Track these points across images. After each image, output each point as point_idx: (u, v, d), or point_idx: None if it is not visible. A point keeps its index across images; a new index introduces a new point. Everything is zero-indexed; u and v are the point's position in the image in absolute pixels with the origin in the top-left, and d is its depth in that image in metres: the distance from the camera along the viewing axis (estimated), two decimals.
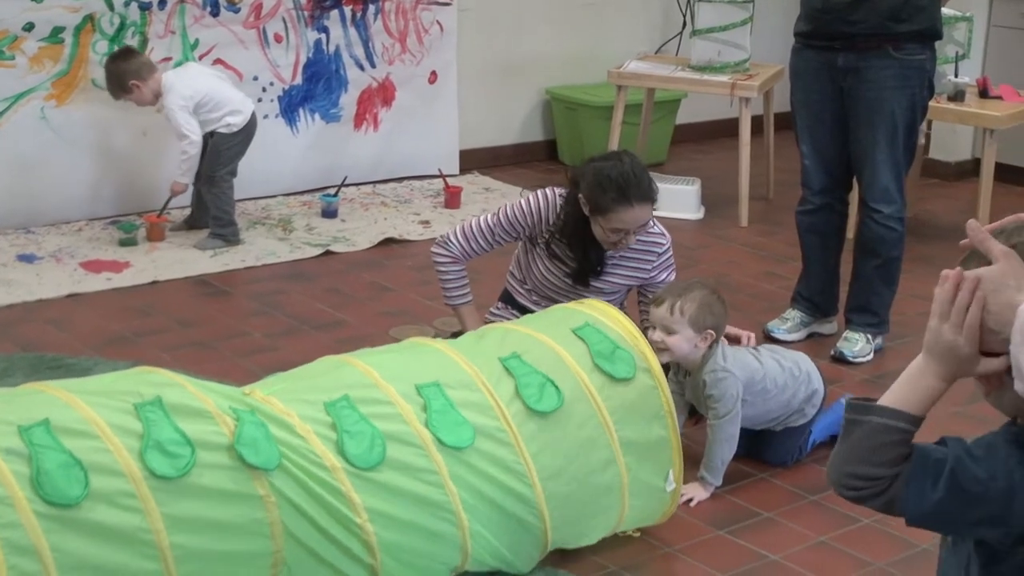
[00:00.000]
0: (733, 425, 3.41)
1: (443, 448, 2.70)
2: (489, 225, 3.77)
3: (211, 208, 5.43)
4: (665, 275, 3.79)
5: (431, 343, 3.05)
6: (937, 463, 1.60)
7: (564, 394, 2.89)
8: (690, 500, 3.38)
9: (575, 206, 3.63)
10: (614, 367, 2.98)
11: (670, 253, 3.79)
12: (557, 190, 3.73)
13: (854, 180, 4.42)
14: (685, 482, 3.31)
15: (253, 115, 5.44)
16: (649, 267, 3.76)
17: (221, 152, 5.37)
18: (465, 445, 2.73)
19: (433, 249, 3.85)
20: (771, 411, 3.53)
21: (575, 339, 3.02)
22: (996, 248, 1.59)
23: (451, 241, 3.80)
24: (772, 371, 3.51)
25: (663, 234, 3.78)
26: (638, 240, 3.67)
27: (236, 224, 5.45)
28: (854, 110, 4.25)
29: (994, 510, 1.59)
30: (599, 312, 3.14)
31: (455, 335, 3.62)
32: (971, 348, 1.60)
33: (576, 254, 3.70)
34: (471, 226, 3.79)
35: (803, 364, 3.61)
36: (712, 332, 3.41)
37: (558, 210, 3.68)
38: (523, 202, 3.73)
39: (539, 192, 3.74)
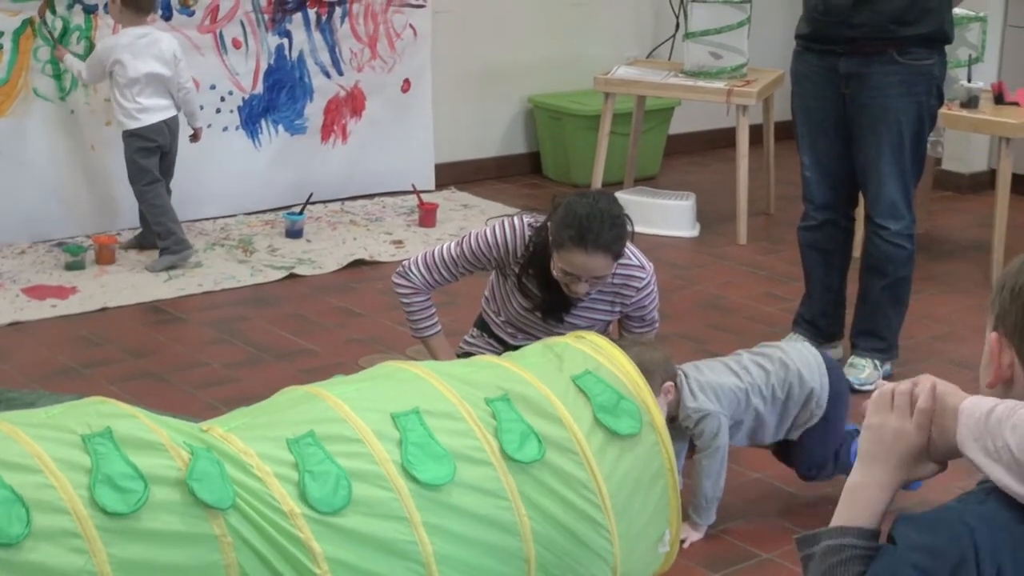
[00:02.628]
0: (714, 460, 3.43)
1: (419, 489, 2.70)
2: (452, 256, 3.75)
3: (150, 223, 5.48)
4: (646, 312, 3.74)
5: (410, 367, 3.03)
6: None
7: (547, 452, 2.87)
8: (683, 540, 3.41)
9: (546, 234, 3.61)
10: (618, 422, 2.96)
11: (651, 288, 3.73)
12: (526, 219, 3.70)
13: (860, 194, 4.48)
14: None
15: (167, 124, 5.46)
16: (628, 302, 3.72)
17: (127, 157, 5.43)
18: (443, 482, 2.73)
19: (394, 279, 3.85)
20: (769, 423, 3.54)
21: (575, 391, 2.99)
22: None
23: (411, 271, 3.79)
24: (758, 380, 3.51)
25: (642, 267, 3.71)
26: (615, 274, 3.63)
27: (178, 233, 5.44)
28: (857, 118, 4.30)
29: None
30: (599, 352, 3.11)
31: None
32: (920, 437, 1.68)
33: (541, 290, 3.68)
34: (433, 256, 3.78)
35: (792, 362, 3.54)
36: (670, 384, 3.42)
37: (526, 240, 3.67)
38: (488, 232, 3.71)
39: (506, 221, 3.71)
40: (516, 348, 3.62)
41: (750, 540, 3.50)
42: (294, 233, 5.92)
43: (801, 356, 3.58)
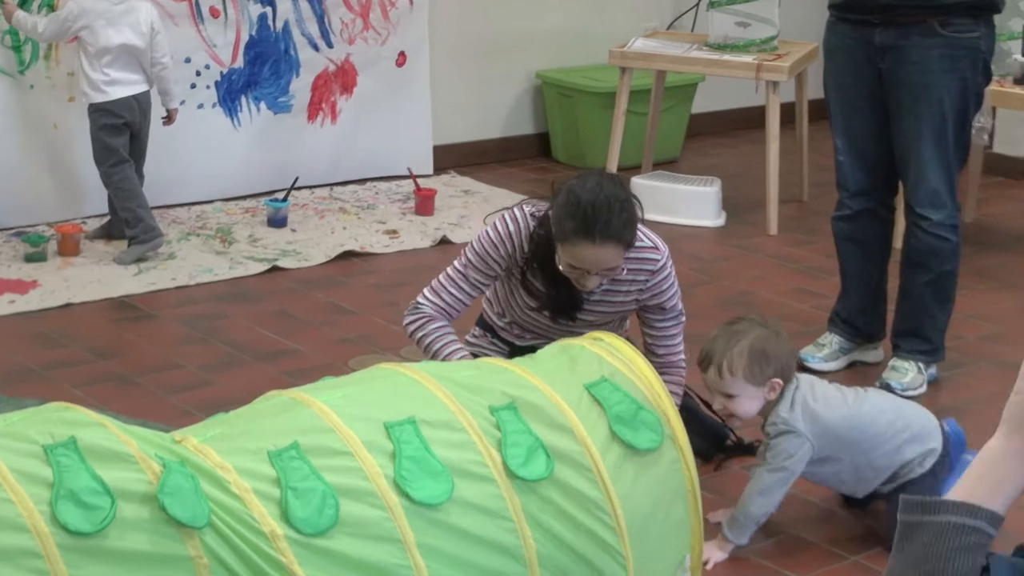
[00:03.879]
0: (776, 478, 3.43)
1: (413, 507, 2.70)
2: (458, 270, 3.72)
3: (118, 211, 5.49)
4: (664, 299, 3.71)
5: (406, 370, 3.01)
6: None
7: (555, 469, 2.85)
8: (706, 562, 3.41)
9: (549, 225, 3.59)
10: (636, 435, 2.95)
11: (668, 271, 3.68)
12: (527, 208, 3.68)
13: (899, 181, 4.48)
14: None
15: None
16: (642, 288, 3.69)
17: (93, 134, 5.45)
18: (439, 501, 2.72)
19: (404, 319, 3.79)
20: (861, 467, 3.50)
21: (590, 400, 2.98)
22: None
23: (420, 303, 3.74)
24: (869, 414, 3.49)
25: (656, 248, 3.67)
26: (627, 259, 3.58)
27: (148, 220, 5.45)
28: (895, 97, 4.29)
29: None
30: (615, 356, 3.10)
31: None
32: None
33: (547, 286, 3.67)
34: (439, 279, 3.74)
35: (910, 415, 3.55)
36: (779, 381, 3.44)
37: (531, 232, 3.64)
38: (490, 229, 3.69)
39: (506, 214, 3.69)
40: (525, 349, 3.62)
41: (781, 561, 3.49)
42: (277, 222, 5.92)
43: (922, 415, 3.58)
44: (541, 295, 3.70)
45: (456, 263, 3.74)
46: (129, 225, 5.45)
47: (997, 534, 1.57)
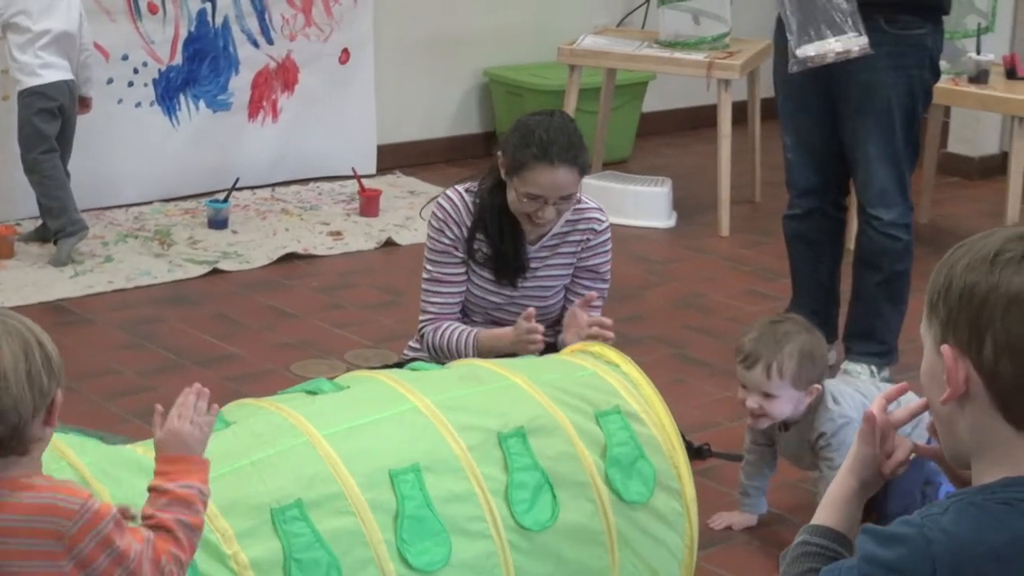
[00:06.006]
0: None
1: (412, 571, 2.71)
2: (430, 276, 3.82)
3: (39, 199, 5.46)
4: (600, 261, 3.84)
5: (404, 391, 2.97)
6: None
7: (562, 505, 2.91)
8: None
9: (494, 176, 3.72)
10: (627, 484, 2.99)
11: (608, 236, 3.85)
12: (459, 187, 3.82)
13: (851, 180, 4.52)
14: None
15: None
16: (584, 247, 3.81)
17: (21, 119, 5.43)
18: (436, 568, 2.75)
19: (413, 346, 3.89)
20: None
21: (596, 428, 3.01)
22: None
23: (420, 324, 3.84)
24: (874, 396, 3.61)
25: (600, 209, 3.84)
26: (573, 215, 3.75)
27: (73, 211, 5.44)
28: (843, 95, 4.34)
29: None
30: (632, 393, 3.11)
31: (397, 365, 3.62)
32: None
33: (493, 242, 3.76)
34: (422, 298, 3.85)
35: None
36: (818, 386, 3.51)
37: (467, 204, 3.77)
38: (432, 221, 3.80)
39: (439, 200, 3.82)
40: None
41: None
42: (218, 223, 5.92)
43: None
44: (488, 258, 3.78)
45: (424, 275, 3.84)
46: (53, 215, 5.43)
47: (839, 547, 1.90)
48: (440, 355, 3.76)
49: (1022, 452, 1.69)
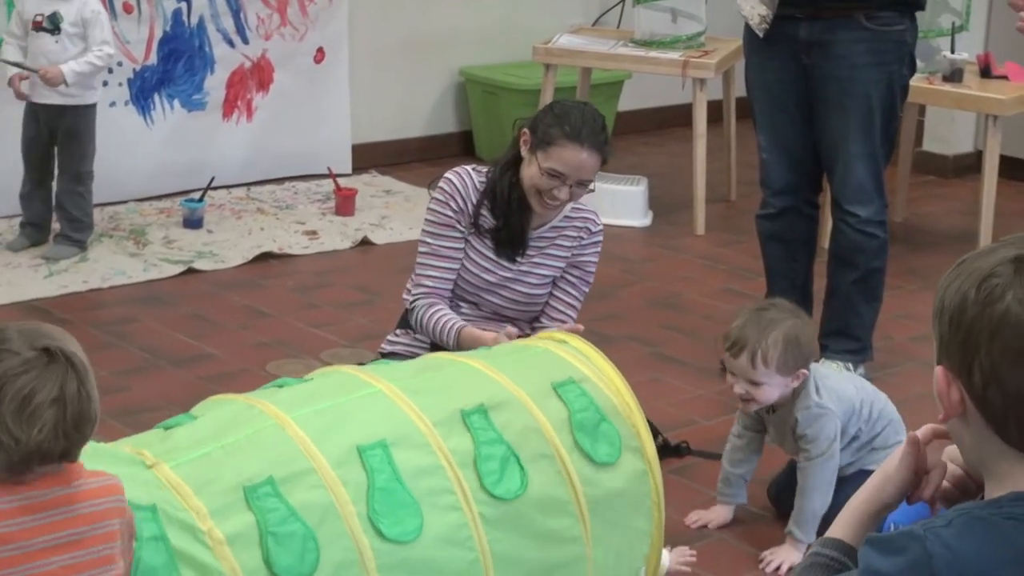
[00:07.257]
0: (828, 469, 3.54)
1: (383, 547, 2.72)
2: (428, 245, 3.87)
3: (72, 210, 5.51)
4: (589, 259, 3.95)
5: (369, 378, 3.04)
6: None
7: (529, 477, 2.94)
8: (778, 568, 3.54)
9: (512, 152, 3.85)
10: (595, 447, 3.03)
11: (601, 239, 3.98)
12: (469, 167, 3.93)
13: (824, 177, 4.55)
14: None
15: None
16: (579, 244, 3.92)
17: (89, 134, 5.48)
18: (409, 539, 2.77)
19: (411, 320, 3.92)
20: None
21: (556, 399, 3.06)
22: None
23: (410, 295, 3.89)
24: (870, 395, 3.66)
25: (596, 212, 3.99)
26: (572, 213, 3.89)
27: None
28: (821, 92, 4.36)
29: None
30: (584, 363, 3.17)
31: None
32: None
33: (498, 213, 3.85)
34: (416, 271, 3.90)
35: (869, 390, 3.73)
36: (805, 371, 3.54)
37: (476, 183, 3.88)
38: (436, 194, 3.88)
39: (448, 175, 3.90)
40: (445, 350, 3.68)
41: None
42: (193, 223, 5.93)
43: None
44: (492, 230, 3.87)
45: (421, 248, 3.90)
46: (84, 229, 5.55)
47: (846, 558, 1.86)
48: (423, 333, 3.84)
49: (1022, 471, 1.70)
